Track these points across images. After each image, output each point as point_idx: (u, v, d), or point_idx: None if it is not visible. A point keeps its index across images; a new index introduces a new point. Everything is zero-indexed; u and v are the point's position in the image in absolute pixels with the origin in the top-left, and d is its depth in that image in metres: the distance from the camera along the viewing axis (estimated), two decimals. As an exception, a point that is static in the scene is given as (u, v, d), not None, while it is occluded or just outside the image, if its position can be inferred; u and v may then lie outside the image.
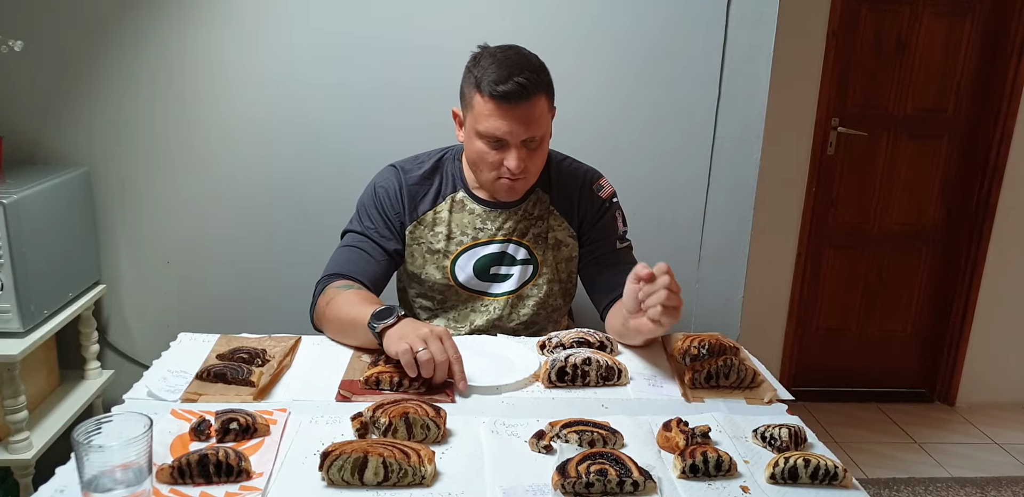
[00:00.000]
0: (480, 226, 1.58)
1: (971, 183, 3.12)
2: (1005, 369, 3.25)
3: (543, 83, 1.43)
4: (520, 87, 1.38)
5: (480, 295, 1.60)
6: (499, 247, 1.58)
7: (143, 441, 0.89)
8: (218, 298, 2.14)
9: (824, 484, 1.05)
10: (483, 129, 1.43)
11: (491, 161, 1.46)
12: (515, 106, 1.39)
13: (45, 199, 1.81)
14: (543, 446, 1.10)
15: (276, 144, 2.05)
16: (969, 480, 2.69)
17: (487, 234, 1.58)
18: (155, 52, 1.96)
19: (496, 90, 1.38)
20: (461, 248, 1.58)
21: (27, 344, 1.71)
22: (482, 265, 1.59)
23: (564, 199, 1.61)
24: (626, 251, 1.62)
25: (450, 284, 1.59)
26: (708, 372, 1.31)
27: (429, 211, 1.58)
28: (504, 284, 1.60)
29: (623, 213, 1.65)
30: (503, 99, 1.39)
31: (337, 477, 1.00)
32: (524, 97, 1.39)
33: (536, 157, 1.48)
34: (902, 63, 3.00)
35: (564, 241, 1.61)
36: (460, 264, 1.58)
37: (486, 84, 1.39)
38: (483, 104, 1.41)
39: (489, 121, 1.41)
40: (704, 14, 2.03)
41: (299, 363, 1.37)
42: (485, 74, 1.40)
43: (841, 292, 3.25)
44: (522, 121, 1.41)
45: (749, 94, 2.09)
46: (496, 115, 1.40)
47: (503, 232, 1.58)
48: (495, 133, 1.42)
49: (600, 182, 1.63)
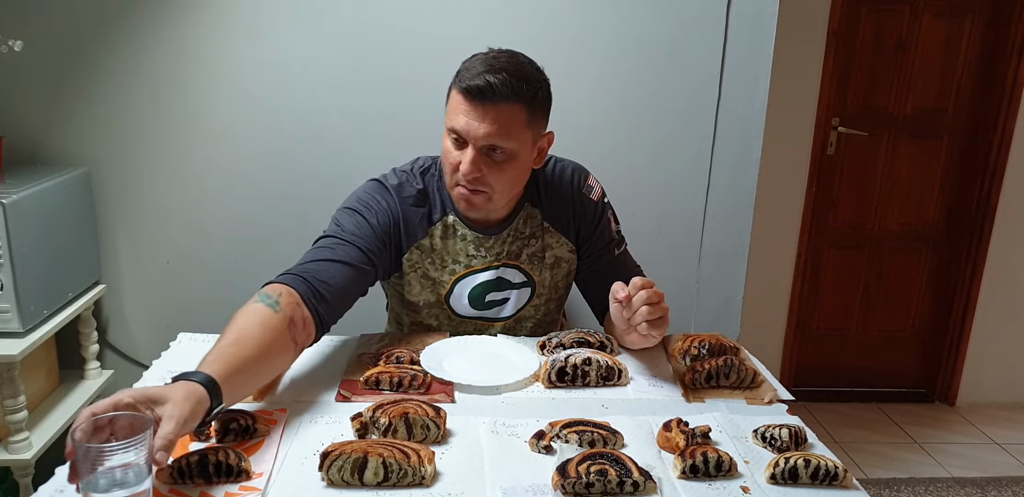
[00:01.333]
0: (473, 253, 1.49)
1: (971, 183, 3.12)
2: (1005, 369, 3.25)
3: (522, 93, 1.33)
4: (489, 85, 1.30)
5: (478, 323, 1.55)
6: (495, 273, 1.51)
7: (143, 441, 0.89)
8: (218, 298, 2.14)
9: (824, 484, 1.05)
10: (449, 123, 1.37)
11: (451, 161, 1.38)
12: (480, 104, 1.32)
13: (45, 199, 1.81)
14: (543, 446, 1.10)
15: (276, 144, 2.05)
16: (969, 480, 2.69)
17: (481, 261, 1.50)
18: (155, 52, 1.96)
19: (465, 84, 1.32)
20: (456, 276, 1.50)
21: (27, 344, 1.71)
22: (478, 293, 1.52)
23: (557, 212, 1.53)
24: (623, 256, 1.58)
25: (446, 311, 1.54)
26: (708, 372, 1.31)
27: (425, 237, 1.48)
28: (502, 309, 1.54)
29: (613, 210, 1.59)
30: (468, 93, 1.32)
31: (337, 477, 1.00)
32: (491, 97, 1.31)
33: (499, 171, 1.36)
34: (902, 63, 3.00)
35: (563, 257, 1.55)
36: (456, 293, 1.51)
37: (462, 77, 1.34)
38: (455, 97, 1.36)
39: (455, 115, 1.35)
40: (704, 14, 2.03)
41: (299, 363, 1.37)
42: (467, 69, 1.35)
43: (841, 292, 3.25)
44: (483, 121, 1.32)
45: (749, 94, 2.09)
46: (460, 110, 1.34)
47: (498, 258, 1.50)
48: (456, 127, 1.34)
49: (588, 182, 1.55)
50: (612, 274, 1.48)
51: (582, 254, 1.56)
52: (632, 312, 1.25)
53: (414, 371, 1.27)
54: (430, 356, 1.34)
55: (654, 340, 1.31)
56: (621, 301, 1.25)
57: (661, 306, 1.26)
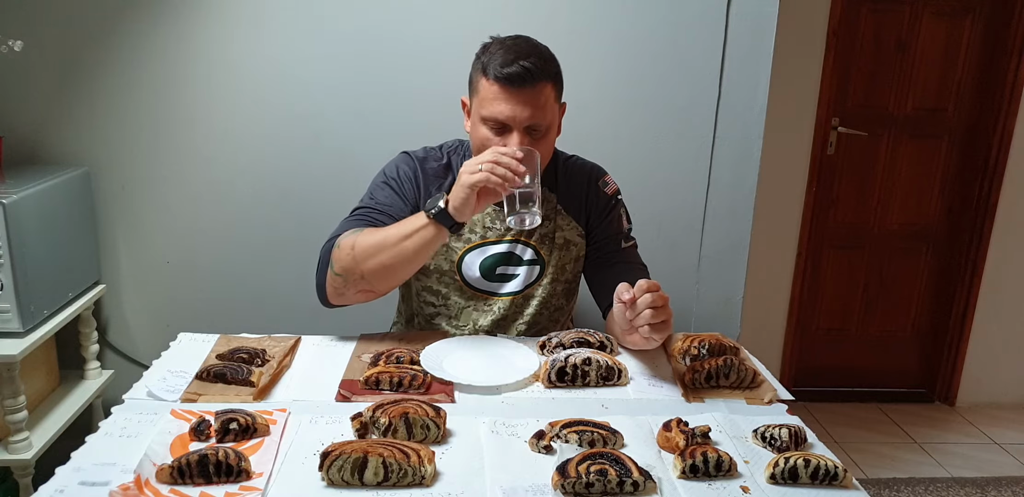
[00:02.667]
0: (489, 225, 1.57)
1: (971, 183, 3.12)
2: (1005, 369, 3.25)
3: (550, 71, 1.43)
4: (525, 71, 1.38)
5: (486, 295, 1.60)
6: (507, 247, 1.58)
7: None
8: (218, 298, 2.14)
9: (824, 484, 1.05)
10: (487, 113, 1.42)
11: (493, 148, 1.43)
12: (519, 90, 1.39)
13: (45, 199, 1.81)
14: (543, 446, 1.10)
15: (276, 144, 2.05)
16: (969, 480, 2.69)
17: (496, 233, 1.57)
18: (155, 52, 1.96)
19: (501, 73, 1.38)
20: (470, 245, 1.57)
21: (27, 344, 1.71)
22: (489, 264, 1.58)
23: (571, 198, 1.60)
24: (630, 250, 1.62)
25: (456, 280, 1.59)
26: (708, 372, 1.31)
27: None
28: (510, 284, 1.59)
29: (627, 211, 1.65)
30: (507, 82, 1.39)
31: (337, 477, 1.00)
32: (529, 81, 1.39)
33: (540, 147, 1.44)
34: (902, 63, 3.00)
35: (573, 241, 1.60)
36: (468, 261, 1.58)
37: (492, 68, 1.40)
38: (488, 88, 1.41)
39: (493, 105, 1.41)
40: (704, 14, 2.03)
41: (299, 363, 1.38)
42: (492, 59, 1.41)
43: (841, 292, 3.25)
44: (526, 105, 1.40)
45: (749, 94, 2.09)
46: (500, 98, 1.40)
47: (512, 232, 1.58)
48: (498, 117, 1.41)
49: (605, 178, 1.63)
50: (617, 266, 1.55)
51: (590, 240, 1.61)
52: (635, 314, 1.26)
53: (414, 371, 1.27)
54: (430, 356, 1.34)
55: (655, 343, 1.32)
56: (625, 303, 1.26)
57: (665, 310, 1.26)
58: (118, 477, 1.00)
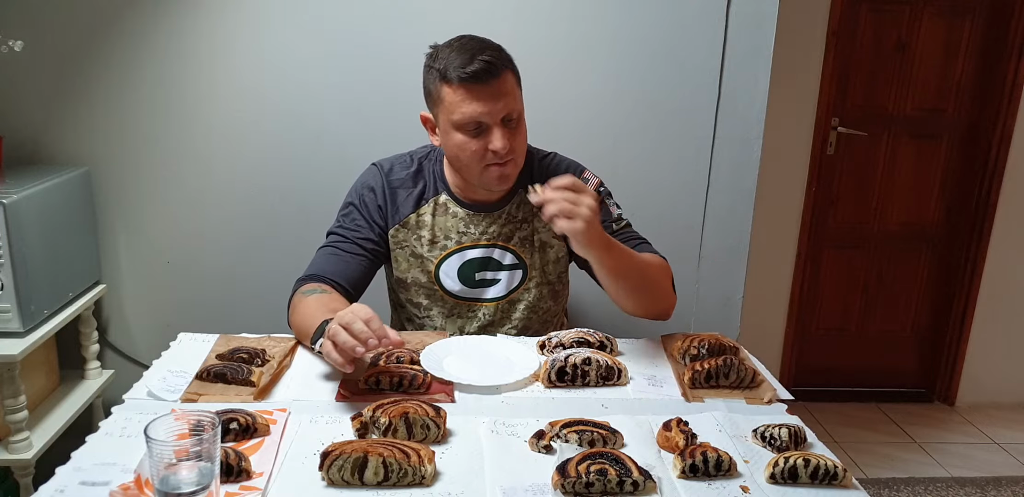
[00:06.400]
0: (463, 230, 1.55)
1: (971, 183, 3.12)
2: (1005, 369, 3.25)
3: (506, 59, 1.43)
4: (487, 64, 1.37)
5: (468, 302, 1.58)
6: (484, 252, 1.56)
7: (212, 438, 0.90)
8: (218, 298, 2.14)
9: (824, 484, 1.05)
10: (460, 117, 1.40)
11: (474, 150, 1.42)
12: (486, 85, 1.38)
13: (45, 199, 1.81)
14: (543, 446, 1.10)
15: (276, 144, 2.05)
16: (969, 480, 2.69)
17: (471, 238, 1.56)
18: (155, 52, 1.96)
19: (465, 73, 1.37)
20: (445, 252, 1.55)
21: (27, 344, 1.71)
22: (467, 271, 1.56)
23: None
24: (624, 230, 1.57)
25: (436, 290, 1.57)
26: (708, 372, 1.31)
27: (412, 214, 1.56)
28: (492, 290, 1.58)
29: (614, 200, 1.60)
30: (474, 79, 1.37)
31: (337, 477, 1.00)
32: (494, 74, 1.38)
33: (518, 135, 1.45)
34: (902, 63, 3.00)
35: (549, 242, 1.58)
36: (445, 269, 1.56)
37: (452, 71, 1.38)
38: (453, 93, 1.40)
39: (464, 107, 1.39)
40: (704, 14, 2.03)
41: (299, 363, 1.38)
42: (449, 63, 1.39)
43: (841, 292, 3.25)
44: (497, 98, 1.39)
45: (749, 94, 2.09)
46: (469, 99, 1.39)
47: (487, 236, 1.56)
48: (474, 117, 1.39)
49: (585, 174, 1.59)
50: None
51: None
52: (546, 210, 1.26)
53: (414, 371, 1.27)
54: (430, 356, 1.34)
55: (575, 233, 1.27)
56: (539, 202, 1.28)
57: (570, 200, 1.25)
58: (118, 477, 1.00)
